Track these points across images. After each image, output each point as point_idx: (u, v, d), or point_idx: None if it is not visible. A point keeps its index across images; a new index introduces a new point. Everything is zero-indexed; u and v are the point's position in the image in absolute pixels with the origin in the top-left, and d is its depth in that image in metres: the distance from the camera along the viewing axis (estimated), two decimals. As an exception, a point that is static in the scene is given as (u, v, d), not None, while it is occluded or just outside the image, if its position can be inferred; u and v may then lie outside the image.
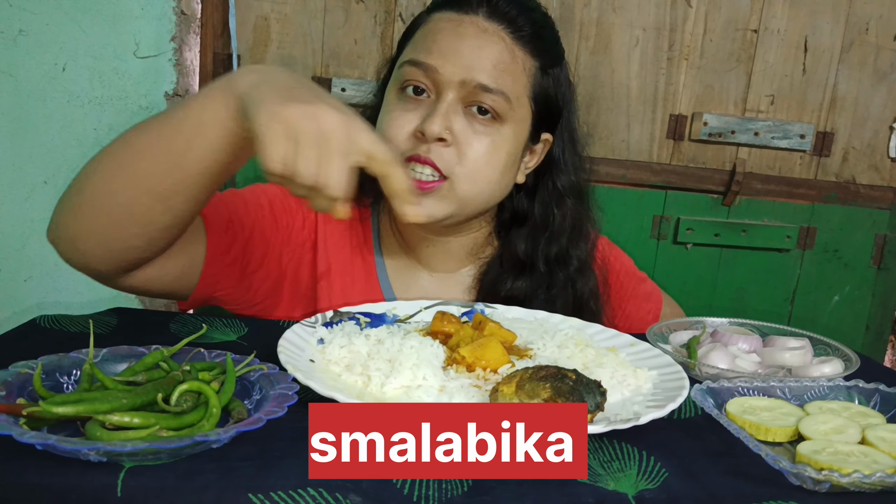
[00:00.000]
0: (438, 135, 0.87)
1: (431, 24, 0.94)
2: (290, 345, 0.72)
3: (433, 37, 0.91)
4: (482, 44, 0.90)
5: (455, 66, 0.89)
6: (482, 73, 0.89)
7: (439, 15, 0.94)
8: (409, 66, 0.91)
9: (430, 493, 0.52)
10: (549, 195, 1.01)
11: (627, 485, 0.56)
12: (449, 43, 0.90)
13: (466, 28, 0.91)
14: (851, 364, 0.85)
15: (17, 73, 1.34)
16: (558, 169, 1.02)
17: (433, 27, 0.93)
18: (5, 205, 1.39)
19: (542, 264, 1.00)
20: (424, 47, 0.91)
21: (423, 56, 0.90)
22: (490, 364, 0.72)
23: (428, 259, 1.03)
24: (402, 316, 0.89)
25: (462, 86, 0.89)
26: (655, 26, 1.54)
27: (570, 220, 1.02)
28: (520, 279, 1.00)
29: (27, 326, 0.81)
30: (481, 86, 0.89)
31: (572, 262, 1.01)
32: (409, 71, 0.91)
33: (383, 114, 0.94)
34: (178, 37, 1.38)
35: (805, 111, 1.62)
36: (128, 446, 0.49)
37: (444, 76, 0.89)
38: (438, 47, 0.90)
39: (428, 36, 0.92)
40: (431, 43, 0.91)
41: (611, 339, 0.87)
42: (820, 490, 0.56)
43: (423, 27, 0.94)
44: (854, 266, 1.71)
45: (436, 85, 0.90)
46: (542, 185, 1.02)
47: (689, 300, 1.65)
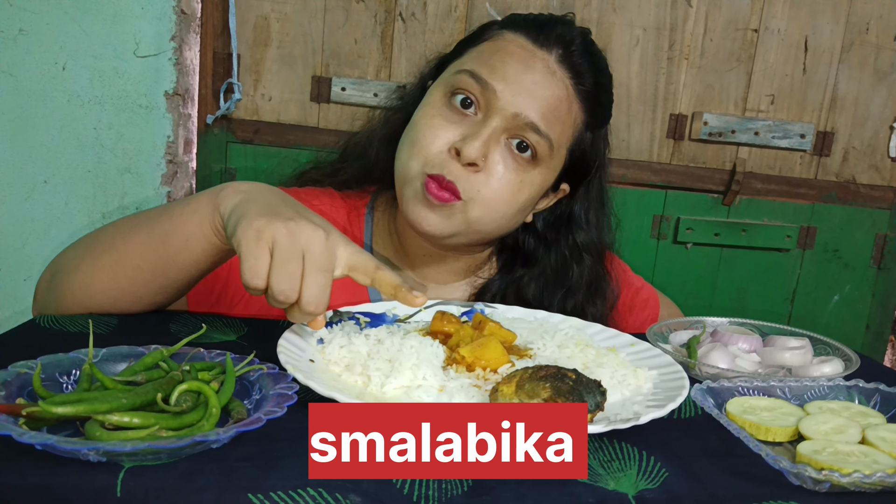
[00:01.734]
0: (474, 160, 0.86)
1: (502, 42, 0.91)
2: (290, 345, 0.72)
3: (501, 57, 0.88)
4: (547, 84, 0.88)
5: (514, 96, 0.87)
6: (536, 113, 0.87)
7: (513, 37, 0.91)
8: (469, 76, 0.88)
9: (430, 492, 0.52)
10: (568, 250, 1.00)
11: (627, 485, 0.56)
12: (515, 71, 0.87)
13: (537, 63, 0.89)
14: (851, 364, 0.84)
15: (17, 73, 1.34)
16: (579, 226, 1.01)
17: (503, 47, 0.90)
18: (5, 205, 1.39)
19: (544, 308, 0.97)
20: (490, 64, 0.88)
21: (485, 73, 0.87)
22: (490, 364, 0.72)
23: (422, 269, 1.02)
24: (401, 316, 0.89)
25: (514, 118, 0.87)
26: (655, 26, 1.53)
27: (588, 277, 1.00)
28: None
29: (27, 326, 0.80)
30: (532, 125, 0.87)
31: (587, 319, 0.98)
32: (467, 81, 0.88)
33: (423, 114, 0.90)
34: (179, 36, 1.38)
35: (805, 111, 1.62)
36: (127, 446, 0.49)
37: (500, 101, 0.87)
38: (504, 70, 0.87)
39: (496, 54, 0.89)
40: (498, 63, 0.88)
41: (611, 339, 0.87)
42: (820, 490, 0.56)
43: (493, 41, 0.92)
44: (854, 266, 1.71)
45: (487, 106, 0.88)
46: (562, 238, 1.00)
47: (689, 300, 1.66)
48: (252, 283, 0.63)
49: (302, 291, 0.64)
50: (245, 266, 0.63)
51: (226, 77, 1.44)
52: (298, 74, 1.46)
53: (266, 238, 0.63)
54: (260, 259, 0.63)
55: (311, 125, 1.48)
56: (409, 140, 0.91)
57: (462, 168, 0.87)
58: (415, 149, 0.89)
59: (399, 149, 0.93)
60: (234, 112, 1.46)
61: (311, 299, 0.64)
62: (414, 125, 0.91)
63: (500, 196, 0.89)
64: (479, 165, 0.87)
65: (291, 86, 1.47)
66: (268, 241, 0.63)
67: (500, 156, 0.88)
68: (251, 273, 0.63)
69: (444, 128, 0.88)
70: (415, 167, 0.89)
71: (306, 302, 0.64)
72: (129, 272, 0.76)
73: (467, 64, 0.90)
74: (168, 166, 1.42)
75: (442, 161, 0.87)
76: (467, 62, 0.91)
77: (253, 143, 1.48)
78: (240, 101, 1.45)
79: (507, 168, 0.88)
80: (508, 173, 0.88)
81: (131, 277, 0.76)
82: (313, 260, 0.64)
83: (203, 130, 1.46)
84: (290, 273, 0.63)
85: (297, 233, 0.63)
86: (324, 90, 1.47)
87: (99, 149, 1.39)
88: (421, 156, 0.88)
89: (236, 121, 1.47)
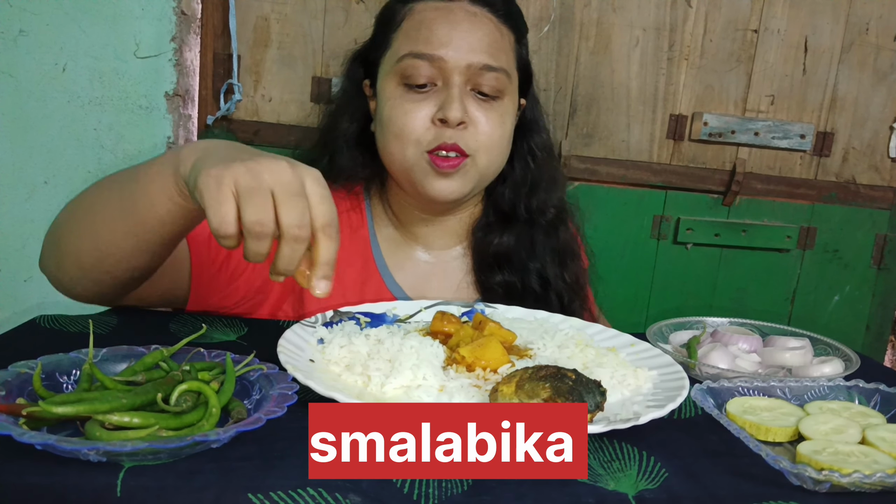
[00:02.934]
0: (461, 119, 0.92)
1: (418, 14, 0.95)
2: (290, 345, 0.72)
3: (428, 26, 0.93)
4: (476, 27, 0.94)
5: (458, 52, 0.92)
6: (484, 55, 0.93)
7: (424, 5, 0.96)
8: (413, 58, 0.93)
9: (430, 492, 0.52)
10: (525, 153, 1.08)
11: (627, 485, 0.56)
12: (446, 31, 0.93)
13: (457, 14, 0.94)
14: (851, 364, 0.85)
15: (17, 74, 1.34)
16: (531, 129, 1.09)
17: (422, 18, 0.95)
18: (5, 205, 1.39)
19: (524, 213, 1.06)
20: (422, 38, 0.93)
21: (423, 47, 0.92)
22: (490, 364, 0.72)
23: (425, 237, 1.07)
24: (402, 316, 0.89)
25: (468, 69, 0.93)
26: (655, 26, 1.53)
27: (545, 173, 1.09)
28: (506, 232, 1.06)
29: (27, 326, 0.81)
30: (487, 66, 0.93)
31: (550, 210, 1.08)
32: (414, 64, 0.93)
33: (391, 108, 0.95)
34: (179, 37, 1.38)
35: (805, 111, 1.62)
36: (127, 446, 0.49)
37: (450, 63, 0.92)
38: (437, 36, 0.93)
39: (422, 27, 0.94)
40: (428, 33, 0.93)
41: (611, 339, 0.87)
42: (820, 490, 0.56)
43: (410, 18, 0.96)
44: (854, 266, 1.71)
45: (442, 73, 0.93)
46: (519, 145, 1.07)
47: (689, 300, 1.66)
48: (221, 230, 0.59)
49: (280, 218, 0.59)
50: (210, 214, 0.59)
51: (226, 78, 1.44)
52: (298, 75, 1.46)
53: (227, 182, 0.59)
54: (224, 203, 0.58)
55: (311, 125, 1.48)
56: (390, 135, 0.95)
57: (454, 130, 0.93)
58: (402, 139, 0.94)
59: (384, 146, 0.98)
60: (234, 113, 1.46)
61: (292, 221, 0.59)
62: (388, 121, 0.95)
63: (493, 138, 0.96)
64: (465, 122, 0.93)
65: (291, 86, 1.47)
66: (229, 185, 0.59)
67: (476, 105, 0.95)
68: (217, 219, 0.58)
69: (417, 109, 0.93)
70: (411, 152, 0.94)
71: (288, 226, 0.59)
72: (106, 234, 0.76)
73: (402, 49, 0.95)
74: (168, 167, 1.42)
75: (433, 134, 0.93)
76: (402, 47, 0.95)
77: (253, 144, 1.47)
78: (240, 101, 1.45)
79: (486, 112, 0.95)
80: (490, 115, 0.95)
81: (108, 240, 0.76)
82: (283, 188, 0.59)
83: (203, 131, 1.46)
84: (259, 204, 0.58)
85: (258, 169, 0.59)
86: (324, 91, 1.46)
87: (99, 150, 1.39)
88: (411, 140, 0.94)
89: (237, 121, 1.47)
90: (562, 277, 1.07)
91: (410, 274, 1.05)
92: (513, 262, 1.05)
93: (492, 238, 1.06)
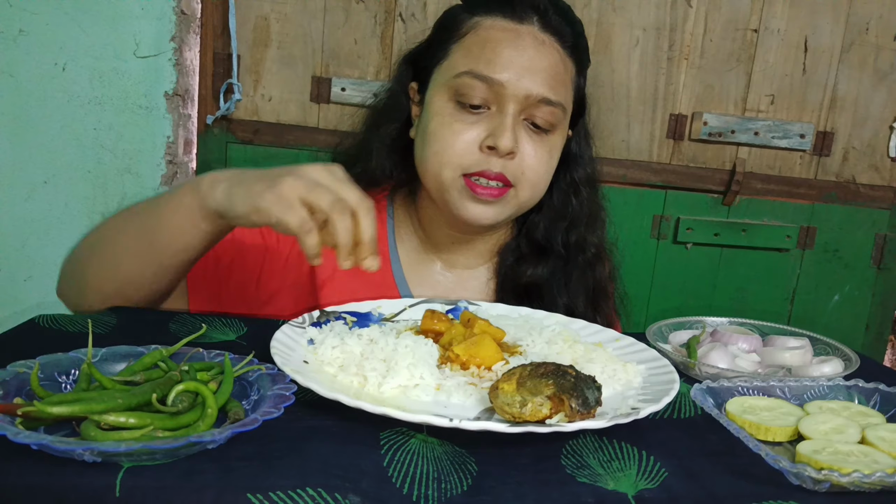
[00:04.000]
0: (511, 150, 0.90)
1: (484, 31, 0.92)
2: (283, 346, 0.72)
3: (492, 48, 0.90)
4: (541, 56, 0.91)
5: (520, 80, 0.89)
6: (544, 87, 0.90)
7: (492, 22, 0.92)
8: (471, 78, 0.90)
9: (430, 493, 0.52)
10: (566, 186, 1.05)
11: (627, 484, 0.56)
12: (511, 55, 0.89)
13: (525, 39, 0.91)
14: (851, 364, 0.84)
15: (17, 73, 1.34)
16: (576, 163, 1.06)
17: (489, 36, 0.91)
18: (5, 205, 1.39)
19: (560, 248, 1.04)
20: (484, 58, 0.90)
21: (484, 69, 0.89)
22: (484, 361, 0.72)
23: (449, 254, 1.05)
24: (386, 314, 0.89)
25: (526, 99, 0.90)
26: (655, 26, 1.53)
27: (587, 209, 1.06)
28: (539, 265, 1.03)
29: (26, 326, 0.80)
30: (545, 99, 0.91)
31: (589, 248, 1.05)
32: (472, 84, 0.90)
33: (439, 125, 0.92)
34: (178, 37, 1.38)
35: (805, 111, 1.62)
36: (122, 447, 0.49)
37: (509, 90, 0.89)
38: (501, 60, 0.89)
39: (486, 46, 0.90)
40: (492, 55, 0.90)
41: (595, 334, 0.88)
42: (820, 490, 0.56)
43: (475, 34, 0.92)
44: (854, 266, 1.71)
45: (498, 98, 0.90)
46: (561, 176, 1.04)
47: (689, 300, 1.66)
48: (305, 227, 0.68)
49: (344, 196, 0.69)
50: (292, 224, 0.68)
51: (226, 77, 1.44)
52: (298, 75, 1.46)
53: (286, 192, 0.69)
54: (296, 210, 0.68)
55: (310, 125, 1.48)
56: (432, 150, 0.93)
57: (500, 160, 0.91)
58: (443, 157, 0.92)
59: (422, 159, 0.95)
60: (233, 112, 1.46)
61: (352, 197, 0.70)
62: (433, 136, 0.93)
63: (538, 172, 0.94)
64: (514, 153, 0.91)
65: (291, 86, 1.47)
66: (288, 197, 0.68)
67: (527, 136, 0.92)
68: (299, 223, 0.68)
69: (465, 131, 0.91)
70: (448, 174, 0.92)
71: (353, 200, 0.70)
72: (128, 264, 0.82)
73: (462, 65, 0.91)
74: (168, 167, 1.42)
75: (477, 160, 0.91)
76: (461, 63, 0.92)
77: (253, 144, 1.48)
78: (240, 101, 1.45)
79: (536, 144, 0.93)
80: (539, 149, 0.93)
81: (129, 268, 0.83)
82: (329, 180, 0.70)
83: (203, 131, 1.46)
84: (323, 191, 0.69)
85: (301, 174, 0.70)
86: (323, 90, 1.47)
87: (99, 149, 1.39)
88: (452, 163, 0.92)
89: (236, 121, 1.47)
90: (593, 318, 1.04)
91: (429, 289, 1.03)
92: (542, 295, 1.02)
93: (525, 268, 1.03)
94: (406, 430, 0.61)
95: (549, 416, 0.61)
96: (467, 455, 0.58)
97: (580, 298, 1.04)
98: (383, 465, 0.55)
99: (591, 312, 1.06)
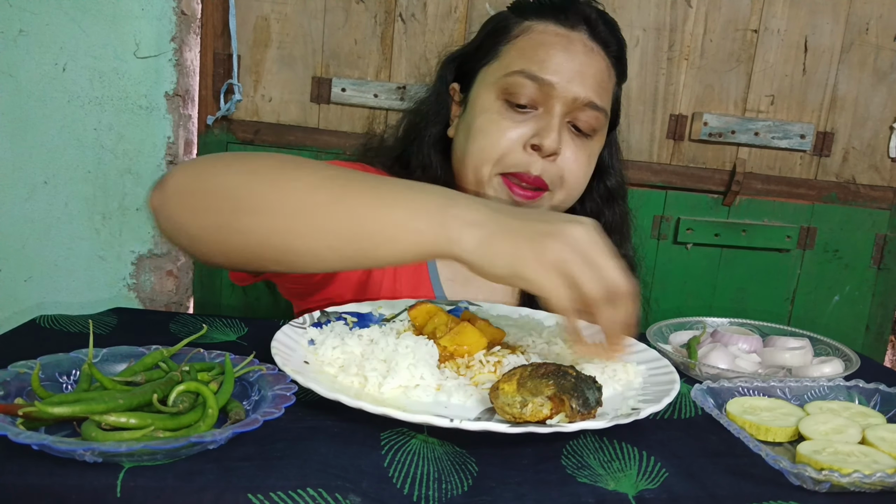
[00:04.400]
0: (555, 150, 0.91)
1: (537, 35, 0.94)
2: (284, 347, 0.72)
3: (545, 51, 0.92)
4: (590, 61, 0.94)
5: (569, 83, 0.91)
6: (592, 91, 0.93)
7: (544, 27, 0.95)
8: (523, 77, 0.92)
9: (430, 493, 0.52)
10: (599, 196, 1.07)
11: (627, 485, 0.56)
12: (563, 59, 0.92)
13: (576, 45, 0.93)
14: (851, 364, 0.85)
15: (17, 73, 1.34)
16: (607, 173, 1.07)
17: (541, 40, 0.94)
18: (5, 205, 1.39)
19: None
20: (537, 59, 0.92)
21: (538, 70, 0.91)
22: (471, 348, 0.74)
23: None
24: (387, 315, 0.89)
25: (573, 102, 0.92)
26: (655, 26, 1.53)
27: (619, 219, 1.08)
28: None
29: (27, 326, 0.81)
30: (591, 104, 0.93)
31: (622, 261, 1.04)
32: (523, 83, 0.92)
33: (487, 121, 0.93)
34: (178, 37, 1.38)
35: (805, 111, 1.62)
36: (123, 447, 0.49)
37: (558, 91, 0.91)
38: (553, 63, 0.92)
39: (539, 49, 0.93)
40: (545, 56, 0.92)
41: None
42: (820, 490, 0.56)
43: (528, 36, 0.95)
44: (854, 266, 1.71)
45: (547, 99, 0.92)
46: (595, 185, 1.06)
47: (689, 300, 1.66)
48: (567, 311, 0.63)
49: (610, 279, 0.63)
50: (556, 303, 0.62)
51: (226, 78, 1.44)
52: (298, 75, 1.46)
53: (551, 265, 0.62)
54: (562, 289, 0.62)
55: (311, 126, 1.48)
56: (477, 146, 0.94)
57: (543, 160, 0.92)
58: (487, 153, 0.93)
59: (462, 154, 0.96)
60: (234, 113, 1.46)
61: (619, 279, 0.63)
62: (479, 131, 0.94)
63: (577, 176, 0.96)
64: (557, 154, 0.93)
65: (291, 87, 1.47)
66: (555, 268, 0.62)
67: (569, 138, 0.94)
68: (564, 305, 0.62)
69: (512, 129, 0.92)
70: (487, 171, 0.94)
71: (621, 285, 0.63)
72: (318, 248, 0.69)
73: (514, 65, 0.93)
74: (168, 167, 1.42)
75: (520, 160, 0.92)
76: (513, 62, 0.94)
77: (253, 144, 1.48)
78: (240, 101, 1.45)
79: (578, 148, 0.95)
80: (579, 153, 0.95)
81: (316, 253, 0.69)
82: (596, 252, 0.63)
83: (203, 131, 1.46)
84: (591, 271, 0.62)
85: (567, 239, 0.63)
86: (324, 91, 1.47)
87: (99, 149, 1.39)
88: (493, 159, 0.93)
89: (236, 122, 1.47)
90: None
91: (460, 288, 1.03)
92: None
93: None
94: (406, 430, 0.61)
95: (550, 416, 0.61)
96: (468, 455, 0.58)
97: None
98: (384, 466, 0.55)
99: None
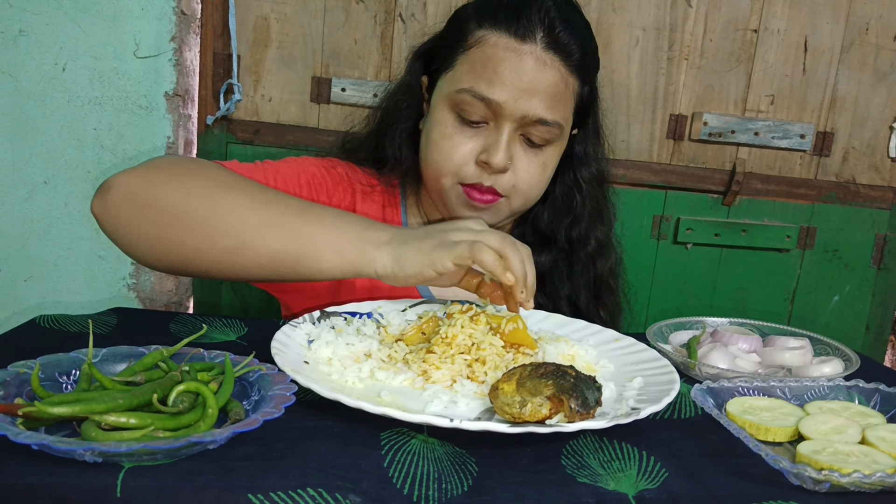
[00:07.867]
0: (503, 167, 0.93)
1: (489, 49, 0.93)
2: (284, 347, 0.72)
3: (493, 67, 0.92)
4: (541, 77, 0.92)
5: (517, 101, 0.92)
6: (541, 108, 0.93)
7: (496, 38, 0.93)
8: (471, 96, 0.92)
9: (430, 493, 0.52)
10: (571, 182, 1.08)
11: (627, 485, 0.56)
12: (510, 77, 0.91)
13: (526, 61, 0.92)
14: (851, 364, 0.84)
15: (17, 73, 1.34)
16: (581, 162, 1.08)
17: (492, 55, 0.93)
18: (5, 205, 1.39)
19: (563, 241, 1.07)
20: (485, 78, 0.92)
21: (485, 89, 0.92)
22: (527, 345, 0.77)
23: None
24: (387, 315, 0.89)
25: (523, 119, 0.93)
26: (655, 26, 1.53)
27: (590, 206, 1.09)
28: (543, 253, 1.07)
29: (27, 326, 0.80)
30: (540, 119, 0.93)
31: (590, 243, 1.09)
32: (471, 102, 0.93)
33: (440, 135, 0.96)
34: (178, 37, 1.38)
35: (805, 111, 1.62)
36: (122, 447, 0.49)
37: (506, 110, 0.92)
38: (501, 80, 0.91)
39: (488, 65, 0.92)
40: (493, 74, 0.92)
41: (595, 334, 0.88)
42: (820, 490, 0.56)
43: (480, 49, 0.94)
44: (854, 266, 1.71)
45: (496, 115, 0.93)
46: (565, 172, 1.07)
47: (689, 300, 1.66)
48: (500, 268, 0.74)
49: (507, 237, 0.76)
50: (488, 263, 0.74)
51: (226, 78, 1.44)
52: (298, 75, 1.46)
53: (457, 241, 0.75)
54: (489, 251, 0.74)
55: (310, 126, 1.48)
56: (432, 159, 0.97)
57: (492, 175, 0.95)
58: (441, 167, 0.96)
59: (424, 159, 1.00)
60: (234, 113, 1.46)
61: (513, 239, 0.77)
62: (434, 144, 0.96)
63: (531, 184, 0.98)
64: (507, 169, 0.95)
65: (291, 86, 1.47)
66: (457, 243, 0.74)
67: (521, 151, 0.96)
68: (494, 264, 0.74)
69: (462, 144, 0.95)
70: (447, 182, 0.97)
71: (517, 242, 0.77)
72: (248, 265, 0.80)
73: (464, 81, 0.94)
74: (168, 167, 1.42)
75: (472, 173, 0.95)
76: (463, 78, 0.94)
77: (253, 144, 1.48)
78: (240, 101, 1.45)
79: (530, 159, 0.96)
80: (532, 163, 0.96)
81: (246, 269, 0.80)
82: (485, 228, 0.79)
83: (203, 131, 1.46)
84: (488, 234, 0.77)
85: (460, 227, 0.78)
86: (324, 91, 1.47)
87: (99, 149, 1.39)
88: (449, 172, 0.96)
89: (236, 121, 1.47)
90: (597, 314, 1.09)
91: None
92: (544, 285, 1.06)
93: None
94: (406, 430, 0.61)
95: (549, 416, 0.61)
96: (468, 455, 0.58)
97: (582, 290, 1.08)
98: (384, 466, 0.55)
99: (593, 305, 1.09)
